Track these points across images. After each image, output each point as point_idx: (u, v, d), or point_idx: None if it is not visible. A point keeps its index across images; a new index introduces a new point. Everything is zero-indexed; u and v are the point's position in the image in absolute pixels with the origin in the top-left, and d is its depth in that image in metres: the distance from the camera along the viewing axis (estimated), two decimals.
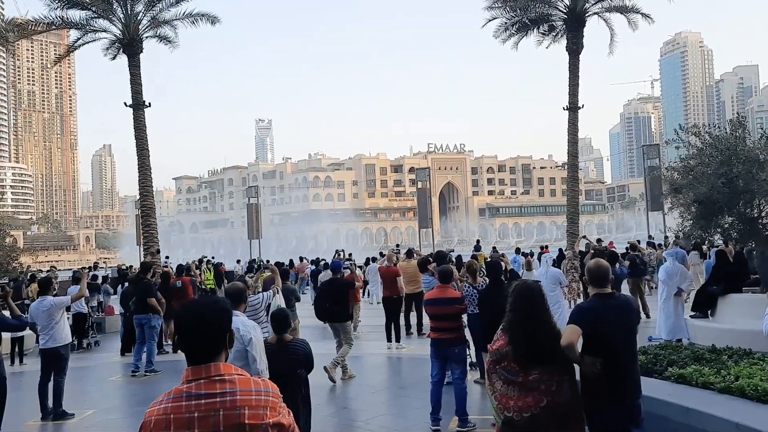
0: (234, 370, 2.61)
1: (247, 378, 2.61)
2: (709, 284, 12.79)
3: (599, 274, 4.98)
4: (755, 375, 6.74)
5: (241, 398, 2.52)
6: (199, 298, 3.08)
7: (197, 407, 2.51)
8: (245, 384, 2.57)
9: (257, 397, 2.55)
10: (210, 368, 2.57)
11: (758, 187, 11.45)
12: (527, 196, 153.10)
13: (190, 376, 2.58)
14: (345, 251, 26.98)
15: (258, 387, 2.59)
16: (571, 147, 27.47)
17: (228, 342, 2.69)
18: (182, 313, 2.73)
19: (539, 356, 4.61)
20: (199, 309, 2.69)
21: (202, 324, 2.62)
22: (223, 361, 2.63)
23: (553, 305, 12.33)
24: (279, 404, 2.62)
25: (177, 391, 2.57)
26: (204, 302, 2.79)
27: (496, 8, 26.95)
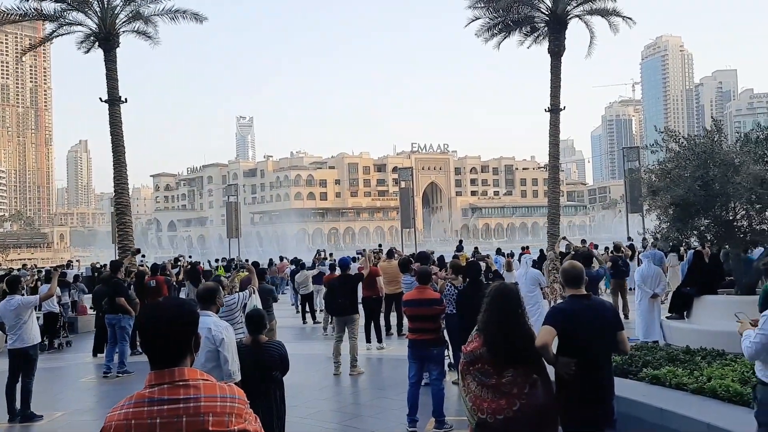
0: (199, 375, 2.54)
1: (212, 383, 2.54)
2: (684, 286, 12.93)
3: (574, 275, 4.99)
4: (727, 376, 6.81)
5: (205, 404, 2.45)
6: (164, 299, 3.00)
7: (160, 413, 2.44)
8: (210, 390, 2.50)
9: (222, 404, 2.48)
10: (174, 373, 2.50)
11: (734, 190, 11.56)
12: (510, 196, 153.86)
13: (152, 381, 2.51)
14: (326, 251, 26.89)
15: (224, 393, 2.51)
16: (553, 148, 27.67)
17: (194, 346, 2.63)
18: (145, 316, 2.66)
19: (513, 357, 4.61)
20: (162, 312, 2.61)
21: (166, 327, 2.55)
22: (189, 365, 2.56)
23: (532, 306, 12.42)
24: (245, 411, 2.55)
25: (139, 396, 2.50)
26: (168, 304, 2.71)
27: (479, 8, 27.05)
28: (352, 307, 11.51)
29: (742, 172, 11.51)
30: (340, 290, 11.59)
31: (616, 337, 4.85)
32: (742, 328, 4.95)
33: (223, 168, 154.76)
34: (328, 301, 12.27)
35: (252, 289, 8.63)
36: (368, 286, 14.17)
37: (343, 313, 11.50)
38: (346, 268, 12.29)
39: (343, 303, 11.39)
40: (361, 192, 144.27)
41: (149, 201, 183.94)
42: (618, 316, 5.09)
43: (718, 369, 7.15)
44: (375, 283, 14.16)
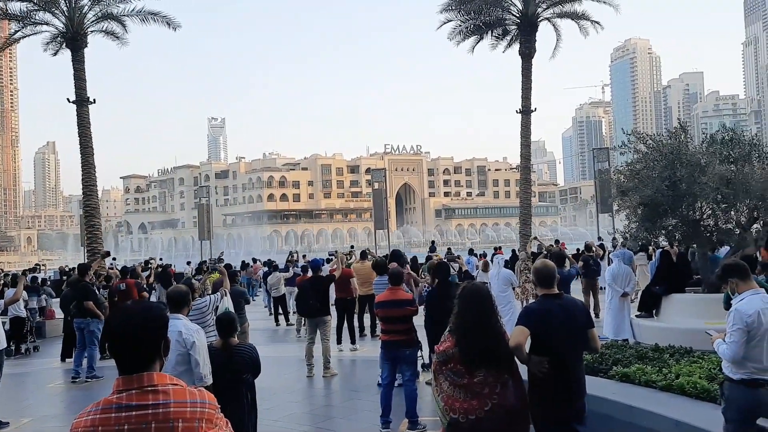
0: (168, 380, 2.50)
1: (182, 389, 2.50)
2: (653, 284, 13.14)
3: (546, 274, 5.03)
4: (695, 373, 6.93)
5: (174, 410, 2.41)
6: (132, 303, 2.95)
7: (127, 419, 2.39)
8: (180, 395, 2.46)
9: (192, 409, 2.44)
10: (142, 378, 2.45)
11: (700, 190, 11.78)
12: (483, 197, 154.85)
13: (120, 386, 2.46)
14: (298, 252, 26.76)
15: (194, 398, 2.47)
16: (524, 150, 27.93)
17: (163, 350, 2.59)
18: (112, 320, 2.62)
19: (485, 357, 4.64)
20: (130, 316, 2.57)
21: (134, 332, 2.50)
22: (158, 370, 2.52)
23: (504, 306, 12.51)
24: (216, 416, 2.51)
25: (106, 402, 2.45)
26: (136, 308, 2.66)
27: (451, 11, 27.21)
28: (324, 309, 11.47)
29: (708, 172, 11.73)
30: (311, 292, 11.54)
31: (587, 335, 4.91)
32: (714, 340, 5.08)
33: (195, 169, 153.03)
34: (300, 302, 12.21)
35: (224, 292, 8.54)
36: (341, 288, 14.14)
37: (314, 314, 11.45)
38: (318, 269, 12.25)
39: (315, 305, 11.35)
40: (334, 193, 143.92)
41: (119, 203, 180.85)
42: (589, 315, 5.15)
43: (686, 366, 7.27)
44: (348, 285, 14.13)
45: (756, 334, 4.74)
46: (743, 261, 8.27)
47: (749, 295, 4.89)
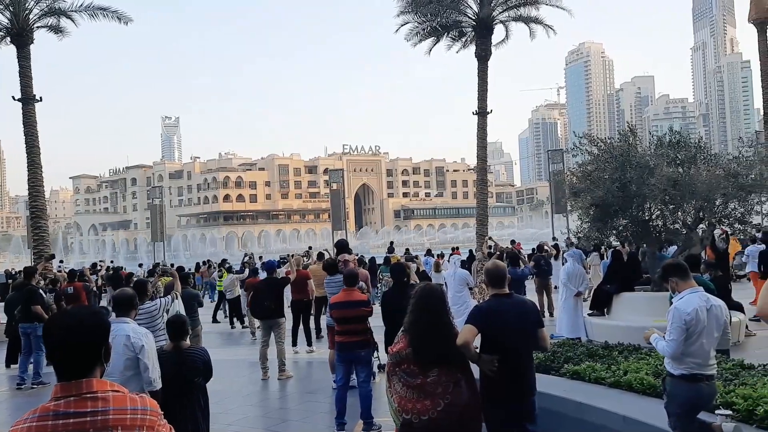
0: (109, 387, 2.44)
1: (122, 395, 2.44)
2: (604, 283, 13.44)
3: (497, 274, 5.10)
4: (642, 369, 7.11)
5: (114, 417, 2.35)
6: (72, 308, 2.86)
7: (65, 427, 2.33)
8: (120, 402, 2.40)
9: (133, 416, 2.38)
10: (81, 385, 2.39)
11: (649, 191, 12.11)
12: (441, 198, 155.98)
13: (59, 393, 2.39)
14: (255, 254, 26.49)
15: (134, 405, 2.42)
16: (481, 151, 28.25)
17: (104, 356, 2.52)
18: (50, 326, 2.53)
19: (438, 357, 4.67)
20: (68, 321, 2.49)
21: (72, 338, 2.43)
22: (98, 376, 2.45)
23: (460, 306, 12.60)
24: (158, 422, 2.46)
25: (43, 409, 2.37)
26: (76, 313, 2.58)
27: (408, 13, 27.35)
28: (278, 311, 11.37)
29: (656, 174, 12.06)
30: (265, 294, 11.43)
31: (537, 334, 4.98)
32: (647, 336, 5.26)
33: (148, 170, 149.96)
34: (254, 304, 12.07)
35: (175, 294, 8.38)
36: (298, 289, 14.04)
37: (268, 316, 11.34)
38: (272, 271, 12.12)
39: (269, 307, 11.24)
40: (292, 194, 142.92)
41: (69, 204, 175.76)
42: (539, 314, 5.24)
43: (634, 363, 7.46)
44: (305, 286, 14.05)
45: (694, 332, 4.90)
46: (689, 260, 8.55)
47: (688, 294, 5.05)
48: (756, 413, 5.62)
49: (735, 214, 12.49)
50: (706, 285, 6.60)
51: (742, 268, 20.67)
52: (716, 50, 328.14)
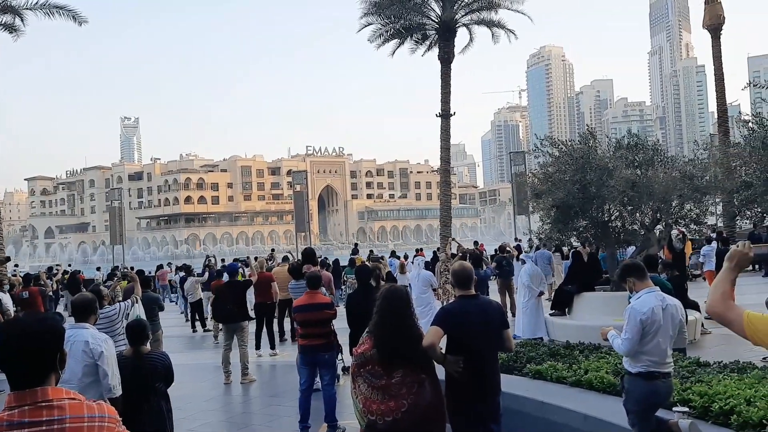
0: (65, 395, 2.38)
1: (79, 403, 2.39)
2: (565, 284, 13.66)
3: (463, 275, 5.12)
4: (602, 368, 7.24)
5: (70, 426, 2.30)
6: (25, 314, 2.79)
7: None
8: (76, 409, 2.35)
9: (90, 424, 2.33)
10: (36, 393, 2.33)
11: (608, 193, 12.34)
12: (405, 199, 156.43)
13: (12, 402, 2.33)
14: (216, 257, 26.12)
15: (92, 412, 2.37)
16: (444, 153, 28.41)
17: (59, 363, 2.45)
18: (3, 333, 2.45)
19: (403, 358, 4.68)
20: (20, 328, 2.42)
21: (25, 345, 2.36)
22: (53, 384, 2.40)
23: (424, 307, 12.64)
24: (117, 429, 2.42)
25: None
26: (29, 320, 2.52)
27: (371, 15, 27.36)
28: (241, 314, 11.25)
29: (615, 176, 12.31)
30: (228, 297, 11.29)
31: (502, 335, 5.02)
32: (604, 333, 5.39)
33: (107, 171, 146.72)
34: (216, 308, 11.90)
35: (135, 299, 8.22)
36: (261, 292, 13.92)
37: (231, 320, 11.21)
38: (234, 274, 11.99)
39: (232, 310, 11.11)
40: (254, 196, 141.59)
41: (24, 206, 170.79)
42: (504, 315, 5.28)
43: (594, 362, 7.59)
44: (268, 289, 13.93)
45: (650, 330, 5.02)
46: (647, 260, 8.75)
47: (645, 294, 5.17)
48: (711, 409, 5.77)
49: (691, 215, 12.81)
50: (663, 284, 6.76)
51: (698, 267, 21.23)
52: (672, 55, 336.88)
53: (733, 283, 3.06)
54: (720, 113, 31.59)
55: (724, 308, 2.95)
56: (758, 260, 13.53)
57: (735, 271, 3.06)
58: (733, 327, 2.93)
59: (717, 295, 2.99)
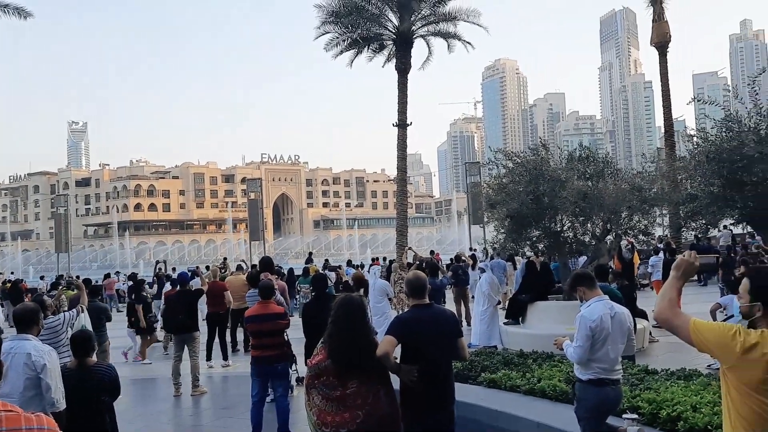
0: (1, 407, 2.27)
1: (16, 415, 2.28)
2: (519, 293, 13.83)
3: (417, 285, 5.12)
4: (555, 376, 7.34)
5: None
6: None
7: None
8: (14, 422, 2.24)
9: None
10: None
11: (561, 204, 12.59)
12: (361, 208, 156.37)
13: None
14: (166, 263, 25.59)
15: (30, 424, 2.27)
16: (400, 162, 28.53)
17: None
18: None
19: (358, 368, 4.64)
20: None
21: None
22: None
23: (380, 317, 12.60)
24: None
25: None
26: None
27: (328, 23, 27.33)
28: (192, 324, 11.01)
29: (567, 187, 12.57)
30: (178, 306, 11.03)
31: (457, 344, 5.03)
32: (558, 344, 5.50)
33: (52, 176, 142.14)
34: (166, 318, 11.61)
35: (81, 308, 7.94)
36: (214, 302, 13.67)
37: (181, 330, 10.96)
38: (185, 283, 11.73)
39: (182, 320, 10.85)
40: (207, 203, 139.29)
41: None
42: (458, 324, 5.29)
43: (547, 370, 7.69)
44: (221, 298, 13.69)
45: (599, 338, 5.12)
46: (598, 270, 8.93)
47: (594, 302, 5.29)
48: (659, 416, 5.91)
49: (639, 226, 13.18)
50: (612, 293, 6.90)
51: (646, 277, 21.81)
52: (621, 70, 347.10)
53: (680, 292, 3.15)
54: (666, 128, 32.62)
55: (671, 315, 3.04)
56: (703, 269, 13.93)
57: (682, 280, 3.15)
58: (680, 334, 3.01)
59: (665, 303, 3.07)
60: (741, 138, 9.86)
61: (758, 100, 10.40)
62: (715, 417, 5.40)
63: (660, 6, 33.25)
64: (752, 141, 9.65)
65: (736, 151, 9.71)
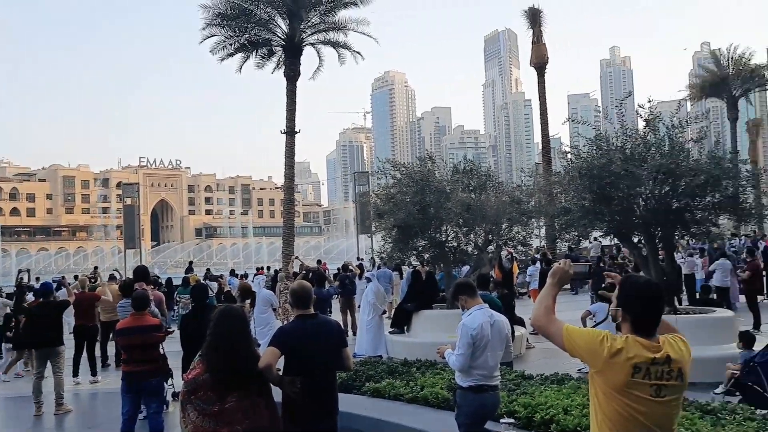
0: None
1: None
2: (405, 302, 14.02)
3: (302, 295, 5.04)
4: (437, 384, 7.46)
5: None
6: None
7: None
8: None
9: None
10: None
11: (446, 215, 12.92)
12: (247, 216, 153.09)
13: None
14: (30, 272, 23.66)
15: None
16: (288, 170, 28.26)
17: None
18: None
19: (237, 381, 4.48)
20: None
21: None
22: None
23: (264, 327, 12.32)
24: None
25: None
26: None
27: (215, 26, 26.64)
28: (56, 338, 10.20)
29: (452, 198, 12.92)
30: (41, 319, 10.19)
31: (341, 354, 4.98)
32: (440, 352, 5.61)
33: None
34: (27, 332, 10.70)
35: None
36: (82, 314, 12.78)
37: (44, 345, 10.13)
38: (49, 293, 10.88)
39: (47, 334, 10.04)
40: (78, 208, 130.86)
41: None
42: (342, 334, 5.24)
43: (431, 378, 7.80)
44: (90, 310, 12.82)
45: (480, 345, 5.26)
46: (480, 279, 9.20)
47: (475, 310, 5.43)
48: (534, 420, 6.14)
49: (518, 237, 13.78)
50: (493, 302, 7.12)
51: (525, 286, 22.86)
52: (504, 88, 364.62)
53: (554, 299, 3.27)
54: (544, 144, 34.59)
55: (546, 322, 3.15)
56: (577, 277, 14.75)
57: (557, 287, 3.29)
58: (554, 339, 3.12)
59: (541, 310, 3.19)
60: (609, 156, 10.52)
61: (624, 121, 11.16)
62: (584, 419, 5.67)
63: (539, 29, 35.30)
64: (619, 159, 10.33)
65: (605, 168, 10.35)
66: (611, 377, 2.91)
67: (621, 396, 2.90)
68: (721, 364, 8.18)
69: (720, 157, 10.56)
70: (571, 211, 11.18)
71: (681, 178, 10.23)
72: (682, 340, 3.05)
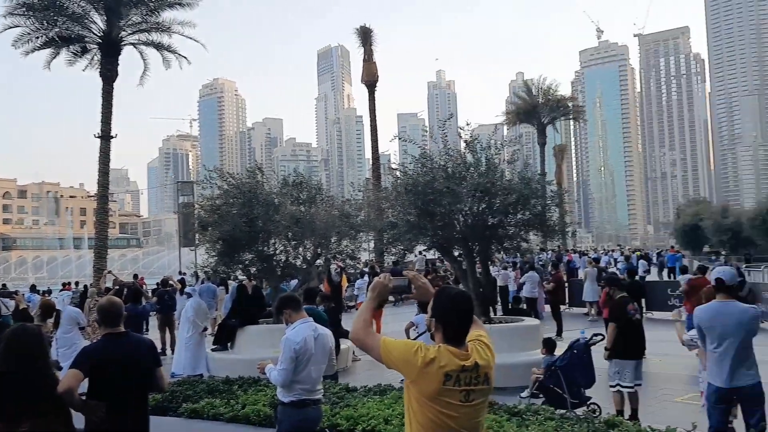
0: None
1: None
2: (229, 318, 13.54)
3: (111, 312, 4.69)
4: (259, 401, 7.26)
5: None
6: None
7: None
8: None
9: None
10: None
11: (274, 228, 12.73)
12: (53, 226, 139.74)
13: None
14: None
15: None
16: (102, 177, 26.28)
17: None
18: None
19: (31, 408, 4.05)
20: None
21: None
22: None
23: (68, 348, 11.18)
24: None
25: None
26: None
27: (17, 15, 24.04)
28: None
29: (281, 211, 12.77)
30: None
31: (155, 374, 4.66)
32: (261, 368, 5.47)
33: None
34: None
35: None
36: None
37: None
38: None
39: None
40: None
41: None
42: (156, 353, 4.91)
43: (252, 395, 7.57)
44: None
45: (303, 359, 5.20)
46: (308, 292, 9.14)
47: (299, 324, 5.37)
48: (356, 431, 6.17)
49: (347, 250, 13.95)
50: (318, 315, 7.09)
51: (353, 299, 23.21)
52: (336, 103, 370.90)
53: (373, 312, 3.31)
54: (374, 160, 35.61)
55: (365, 335, 3.20)
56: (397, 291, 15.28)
57: (377, 300, 3.35)
58: (372, 353, 3.16)
59: (360, 323, 3.22)
60: (433, 174, 11.06)
61: (447, 141, 11.80)
62: (404, 428, 5.80)
63: (370, 48, 36.43)
64: (441, 177, 10.88)
65: (429, 185, 10.84)
66: (424, 386, 3.00)
67: (433, 403, 3.00)
68: (528, 370, 8.83)
69: (529, 178, 11.52)
70: (398, 225, 11.55)
71: (496, 197, 10.99)
72: (487, 345, 3.21)
